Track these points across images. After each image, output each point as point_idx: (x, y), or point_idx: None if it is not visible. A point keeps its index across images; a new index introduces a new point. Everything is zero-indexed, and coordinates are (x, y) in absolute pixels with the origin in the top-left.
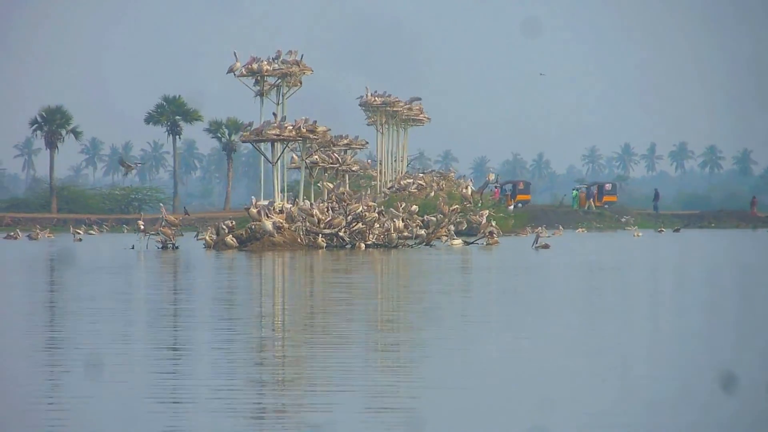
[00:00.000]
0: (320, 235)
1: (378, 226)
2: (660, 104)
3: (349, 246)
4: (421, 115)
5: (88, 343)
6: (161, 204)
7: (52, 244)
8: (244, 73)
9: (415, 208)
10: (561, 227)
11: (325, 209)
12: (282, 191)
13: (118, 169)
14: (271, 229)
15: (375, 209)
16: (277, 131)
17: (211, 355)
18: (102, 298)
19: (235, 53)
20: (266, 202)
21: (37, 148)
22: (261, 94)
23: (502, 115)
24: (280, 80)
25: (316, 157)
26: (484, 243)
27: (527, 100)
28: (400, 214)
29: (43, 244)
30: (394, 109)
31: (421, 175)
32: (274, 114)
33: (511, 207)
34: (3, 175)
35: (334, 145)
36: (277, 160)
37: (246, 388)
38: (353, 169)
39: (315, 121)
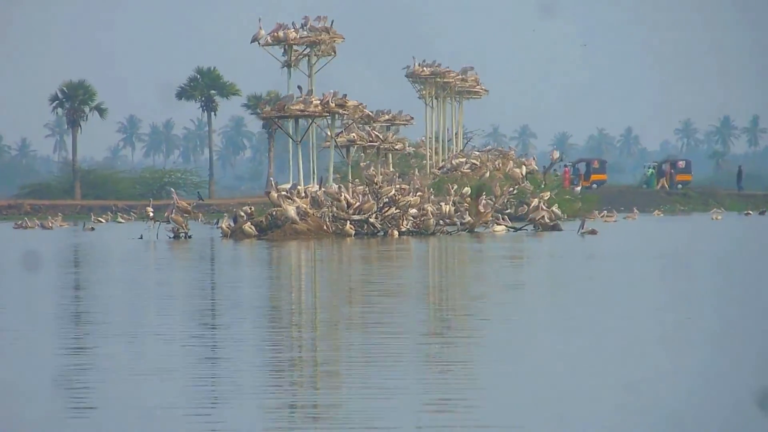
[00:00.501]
0: (349, 222)
1: (415, 211)
2: (763, 73)
3: (381, 233)
4: (478, 87)
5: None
6: (172, 189)
7: (66, 234)
8: (270, 41)
9: (467, 190)
10: (636, 210)
11: (361, 193)
12: (312, 173)
13: (158, 149)
14: (293, 215)
15: (410, 192)
16: (302, 107)
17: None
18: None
19: (259, 20)
20: (289, 185)
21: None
22: (288, 64)
23: (585, 86)
24: (308, 49)
25: (354, 135)
26: (535, 229)
27: (613, 68)
28: (452, 197)
29: (54, 234)
30: (445, 80)
31: (477, 153)
32: (300, 87)
33: (579, 188)
34: (34, 157)
35: (374, 121)
36: (302, 138)
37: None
38: (396, 147)
39: (345, 95)
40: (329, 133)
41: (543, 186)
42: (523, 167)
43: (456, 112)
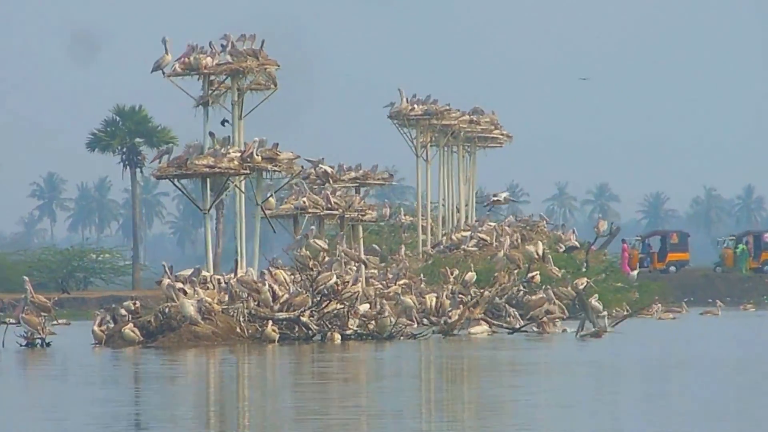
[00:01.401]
0: (271, 322)
1: (368, 307)
2: None
3: (318, 338)
4: (495, 131)
5: None
6: (25, 277)
7: None
8: (178, 70)
9: (471, 276)
10: (720, 303)
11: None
12: (237, 252)
13: (89, 220)
14: (192, 313)
15: (355, 280)
16: (210, 161)
17: None
18: None
19: (164, 41)
20: (190, 271)
21: None
22: (205, 102)
23: (687, 132)
24: (229, 79)
25: (304, 200)
26: (538, 329)
27: (725, 104)
28: (450, 285)
29: None
30: (445, 122)
31: (492, 225)
32: (212, 134)
33: (635, 273)
34: None
35: (334, 181)
36: (212, 205)
37: None
38: (365, 218)
39: (276, 144)
40: (256, 198)
41: (584, 269)
42: (540, 245)
43: (467, 167)
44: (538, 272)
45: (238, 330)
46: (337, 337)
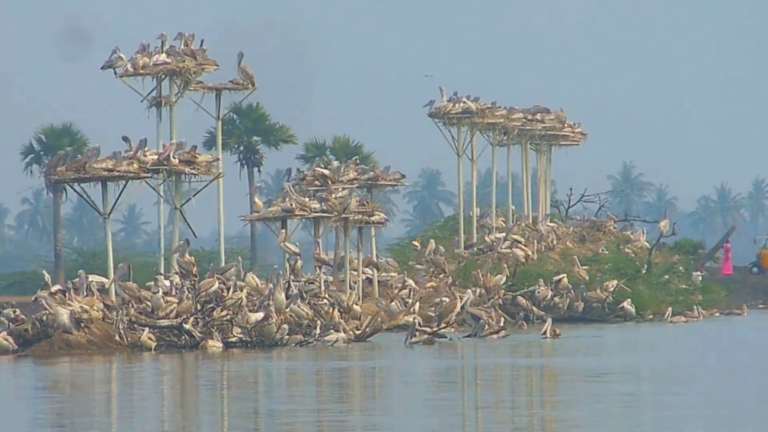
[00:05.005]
0: (148, 330)
1: (261, 316)
2: None
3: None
4: (566, 129)
5: None
6: None
7: None
8: (130, 70)
9: (499, 278)
10: (745, 305)
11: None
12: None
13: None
14: (66, 321)
15: (235, 284)
16: (109, 164)
17: None
18: None
19: (114, 50)
20: (79, 279)
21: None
22: (157, 102)
23: None
24: (166, 78)
25: (291, 203)
26: (452, 336)
27: None
28: (479, 288)
29: None
30: (489, 120)
31: (551, 225)
32: (126, 138)
33: (698, 274)
34: (145, 232)
35: (332, 183)
36: (111, 210)
37: None
38: (372, 219)
39: (195, 147)
40: (175, 203)
41: (645, 269)
42: (526, 250)
43: (526, 165)
44: (565, 275)
45: (117, 338)
46: (211, 344)
